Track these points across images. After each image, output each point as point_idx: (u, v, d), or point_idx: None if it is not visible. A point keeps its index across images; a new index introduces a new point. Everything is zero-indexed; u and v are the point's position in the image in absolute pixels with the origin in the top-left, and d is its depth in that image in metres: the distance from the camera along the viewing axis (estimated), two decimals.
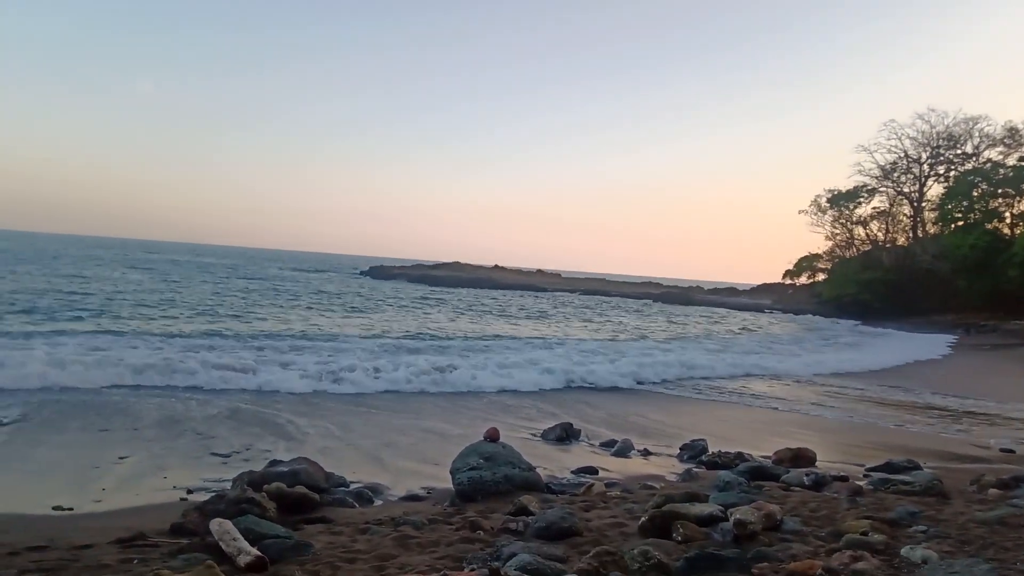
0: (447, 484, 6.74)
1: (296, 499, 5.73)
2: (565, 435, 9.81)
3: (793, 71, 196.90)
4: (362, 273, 78.35)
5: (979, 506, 6.00)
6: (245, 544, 4.20)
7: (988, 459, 9.97)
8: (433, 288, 58.05)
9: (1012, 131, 57.00)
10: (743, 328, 38.79)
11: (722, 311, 56.20)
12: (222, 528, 4.39)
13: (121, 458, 7.51)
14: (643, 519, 4.99)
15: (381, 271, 76.98)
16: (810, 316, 55.29)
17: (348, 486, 6.78)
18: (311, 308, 30.22)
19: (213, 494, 5.64)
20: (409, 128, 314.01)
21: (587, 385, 14.93)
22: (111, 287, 32.03)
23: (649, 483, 7.37)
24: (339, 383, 12.67)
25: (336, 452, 8.34)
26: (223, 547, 4.21)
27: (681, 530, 4.71)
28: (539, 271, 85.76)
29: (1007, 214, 55.62)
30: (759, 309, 60.67)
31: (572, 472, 7.96)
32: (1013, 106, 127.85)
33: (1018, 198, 54.96)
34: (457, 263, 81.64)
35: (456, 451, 7.00)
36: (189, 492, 6.41)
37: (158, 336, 16.74)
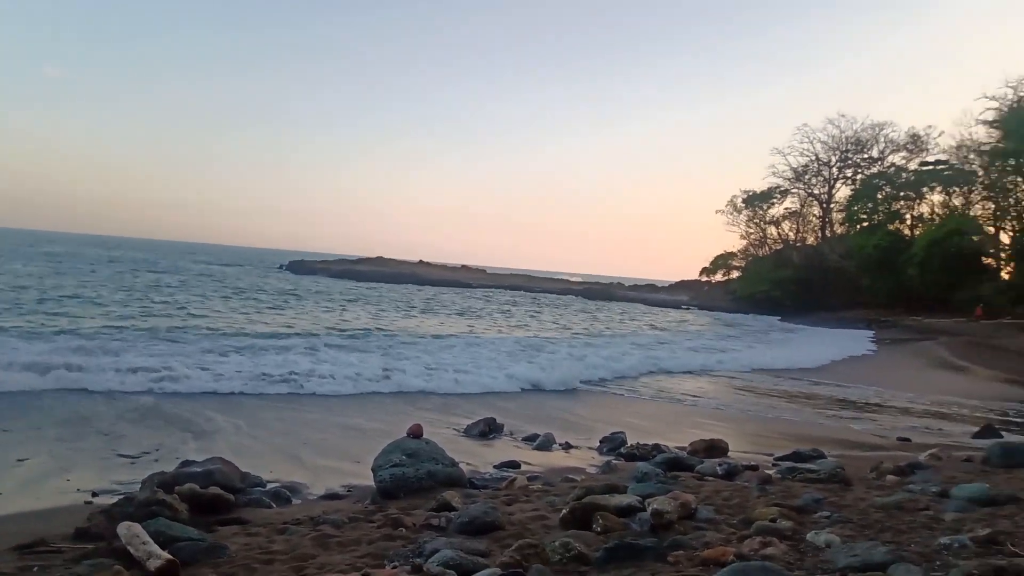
0: (368, 482, 6.65)
1: (210, 500, 5.55)
2: (488, 430, 9.85)
3: (714, 73, 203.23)
4: (282, 268, 76.42)
5: (878, 492, 6.34)
6: (155, 548, 4.04)
7: (887, 447, 10.58)
8: (357, 283, 57.21)
9: (914, 137, 60.63)
10: (667, 325, 39.83)
11: (643, 307, 57.64)
12: (130, 532, 4.21)
13: (20, 460, 7.11)
14: (564, 511, 5.05)
15: (302, 266, 75.23)
16: (723, 313, 57.17)
17: (265, 486, 6.61)
18: (229, 303, 29.30)
19: (121, 496, 5.40)
20: (331, 121, 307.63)
21: (515, 383, 14.80)
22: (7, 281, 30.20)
23: (570, 476, 7.48)
24: (256, 382, 12.26)
25: (253, 451, 8.12)
26: (132, 551, 4.03)
27: (601, 521, 4.79)
28: (464, 267, 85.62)
29: (908, 216, 59.12)
30: (677, 305, 62.47)
31: (495, 467, 8.00)
32: (915, 113, 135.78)
33: (918, 201, 58.46)
34: (381, 258, 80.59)
35: (378, 448, 6.92)
36: (94, 495, 6.12)
37: (65, 333, 15.90)
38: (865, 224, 59.40)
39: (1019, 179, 48.54)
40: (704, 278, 73.40)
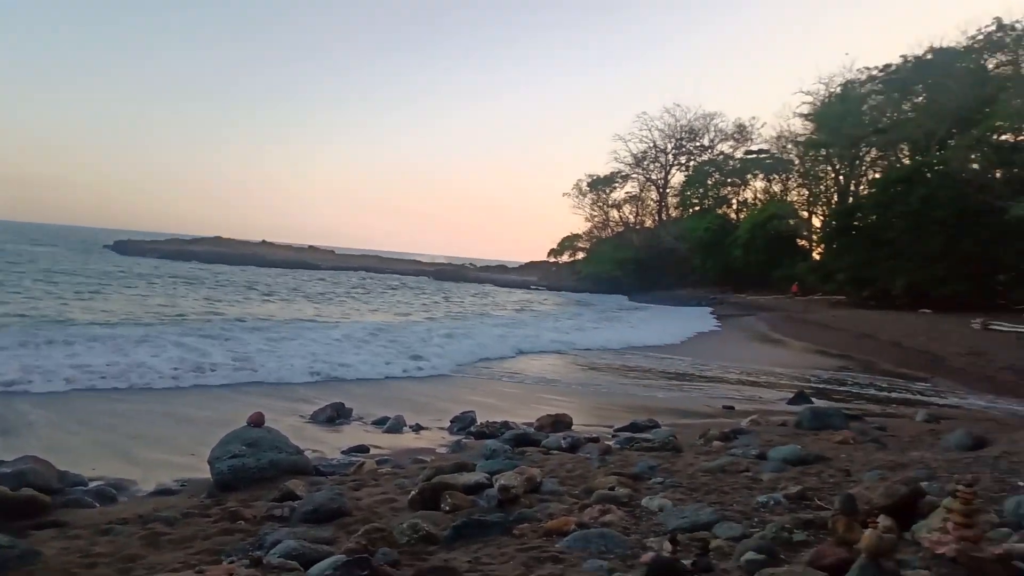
0: (205, 475, 6.29)
1: (22, 503, 5.04)
2: (336, 415, 9.62)
3: (564, 60, 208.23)
4: (106, 248, 70.25)
5: (705, 457, 6.85)
6: None
7: (714, 415, 11.44)
8: (192, 265, 53.76)
9: (740, 127, 65.49)
10: (520, 306, 40.50)
11: (494, 288, 58.49)
12: None
13: None
14: (413, 493, 5.05)
15: (129, 246, 69.50)
16: (571, 293, 59.21)
17: (87, 484, 6.10)
18: (40, 287, 26.53)
19: None
20: (167, 87, 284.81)
21: (365, 370, 14.11)
22: None
23: (420, 457, 7.49)
24: (78, 374, 11.11)
25: (73, 448, 7.44)
26: None
27: (449, 500, 4.84)
28: (311, 247, 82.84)
29: (734, 201, 63.98)
30: (527, 286, 63.94)
31: (343, 452, 7.84)
32: (742, 104, 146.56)
33: (743, 187, 63.31)
34: (219, 238, 76.25)
35: (216, 440, 6.56)
36: None
37: None
38: (697, 208, 63.66)
39: (829, 168, 53.86)
40: (552, 259, 75.50)
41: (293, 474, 6.16)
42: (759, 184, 62.24)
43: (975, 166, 34.40)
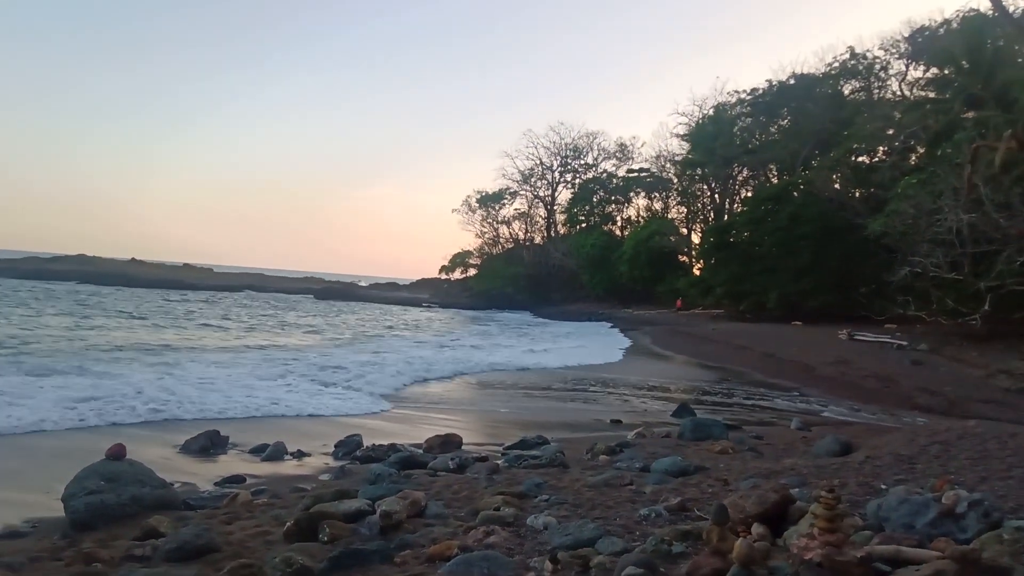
0: (60, 514, 5.75)
1: None
2: (211, 444, 9.04)
3: (447, 77, 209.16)
4: None
5: (591, 472, 6.90)
6: None
7: (603, 429, 11.61)
8: (51, 284, 49.91)
9: (622, 147, 67.74)
10: (419, 325, 39.43)
11: (386, 307, 57.50)
12: None
13: None
14: (288, 524, 4.79)
15: None
16: (465, 310, 59.07)
17: None
18: None
19: None
20: (15, 92, 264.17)
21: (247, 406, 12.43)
22: None
23: (300, 485, 7.14)
24: None
25: None
26: None
27: (328, 530, 4.62)
28: (186, 265, 78.81)
29: (618, 218, 66.00)
30: (418, 303, 63.28)
31: (216, 483, 7.37)
32: (623, 124, 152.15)
33: (626, 204, 65.49)
34: (83, 256, 71.25)
35: (72, 475, 6.01)
36: None
37: None
38: (584, 225, 65.23)
39: (705, 187, 56.67)
40: (443, 276, 75.24)
41: (158, 509, 5.72)
42: (641, 202, 64.64)
43: (836, 185, 37.04)
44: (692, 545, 4.00)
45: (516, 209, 72.34)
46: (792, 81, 46.26)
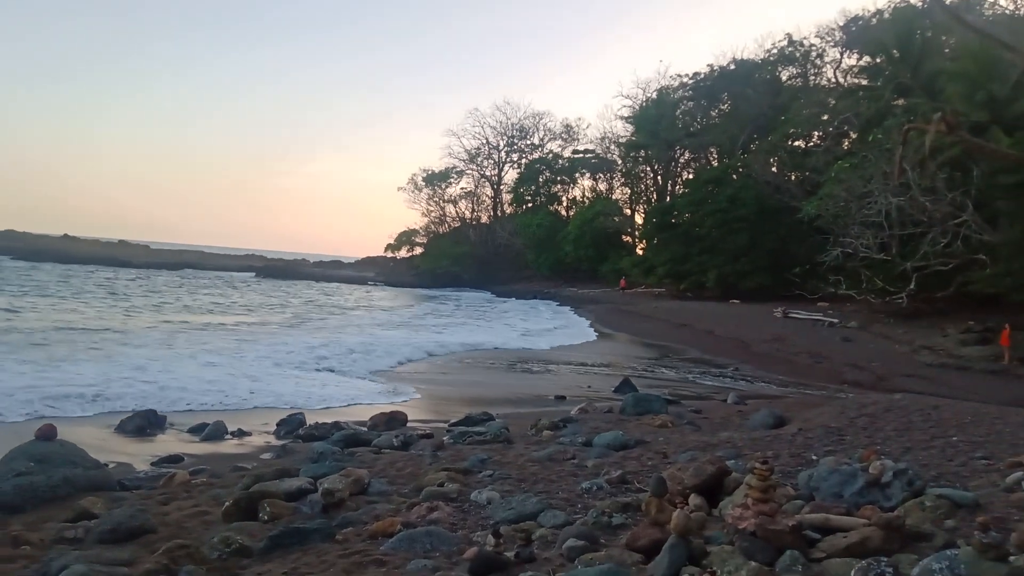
0: None
1: None
2: (147, 424, 8.80)
3: (396, 53, 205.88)
4: None
5: (535, 447, 6.98)
6: None
7: (547, 405, 11.72)
8: None
9: (568, 127, 67.84)
10: (370, 304, 38.21)
11: (331, 285, 56.54)
12: None
13: None
14: (227, 504, 4.72)
15: None
16: (411, 288, 58.63)
17: None
18: None
19: None
20: None
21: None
22: None
23: (241, 464, 7.02)
24: None
25: None
26: None
27: (268, 509, 4.57)
28: (122, 242, 76.04)
29: (564, 198, 66.24)
30: (363, 282, 62.49)
31: (153, 464, 7.21)
32: (569, 105, 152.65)
33: (572, 185, 65.81)
34: (11, 231, 68.14)
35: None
36: None
37: None
38: (530, 205, 65.29)
39: (648, 168, 57.35)
40: (389, 254, 74.38)
41: (92, 490, 5.58)
42: (587, 183, 65.02)
43: (773, 169, 37.98)
44: (632, 516, 4.09)
45: (463, 188, 71.88)
46: (732, 67, 47.06)
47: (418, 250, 71.36)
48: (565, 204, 65.58)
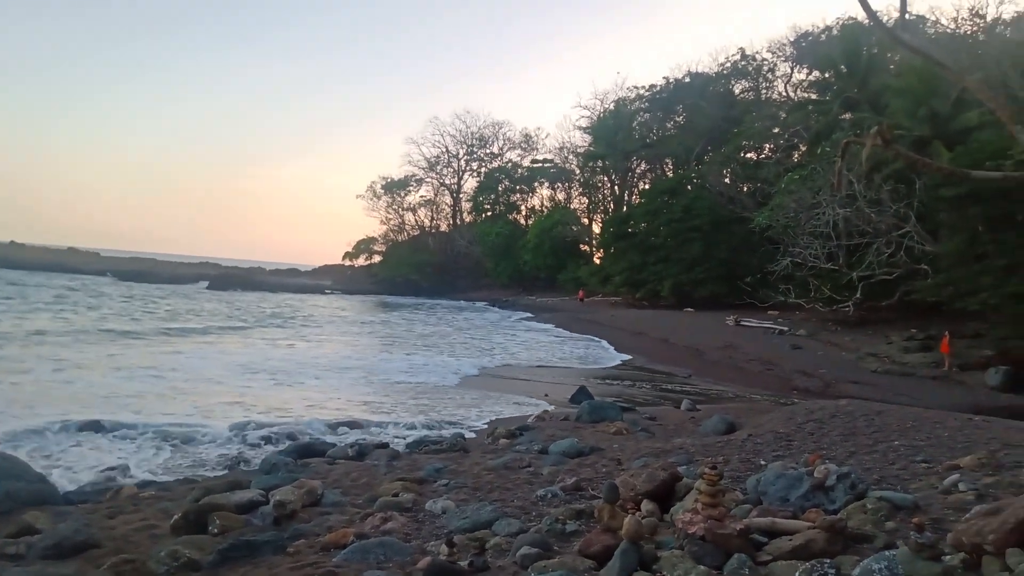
0: None
1: None
2: (95, 435, 8.57)
3: (354, 61, 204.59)
4: None
5: (491, 455, 6.99)
6: None
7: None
8: None
9: (527, 137, 68.23)
10: (337, 316, 36.34)
11: (286, 295, 55.48)
12: None
13: None
14: (176, 517, 4.63)
15: None
16: (370, 296, 58.05)
17: None
18: None
19: None
20: None
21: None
22: None
23: (191, 477, 6.89)
24: None
25: None
26: None
27: (218, 521, 4.49)
28: (71, 249, 73.87)
29: (523, 207, 66.54)
30: (321, 290, 61.68)
31: (99, 474, 7.01)
32: (528, 115, 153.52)
33: (531, 194, 66.15)
34: None
35: None
36: None
37: None
38: (489, 214, 65.42)
39: (605, 178, 58.01)
40: (347, 262, 73.56)
41: (35, 505, 5.41)
42: (545, 192, 65.50)
43: (727, 180, 38.75)
44: (586, 523, 4.13)
45: (422, 196, 71.63)
46: (688, 79, 47.97)
47: (376, 258, 70.78)
48: (524, 213, 65.89)
